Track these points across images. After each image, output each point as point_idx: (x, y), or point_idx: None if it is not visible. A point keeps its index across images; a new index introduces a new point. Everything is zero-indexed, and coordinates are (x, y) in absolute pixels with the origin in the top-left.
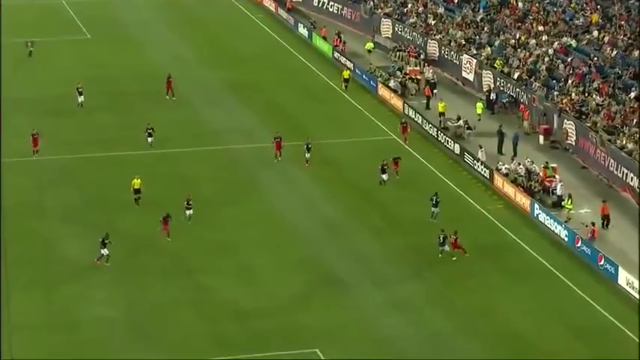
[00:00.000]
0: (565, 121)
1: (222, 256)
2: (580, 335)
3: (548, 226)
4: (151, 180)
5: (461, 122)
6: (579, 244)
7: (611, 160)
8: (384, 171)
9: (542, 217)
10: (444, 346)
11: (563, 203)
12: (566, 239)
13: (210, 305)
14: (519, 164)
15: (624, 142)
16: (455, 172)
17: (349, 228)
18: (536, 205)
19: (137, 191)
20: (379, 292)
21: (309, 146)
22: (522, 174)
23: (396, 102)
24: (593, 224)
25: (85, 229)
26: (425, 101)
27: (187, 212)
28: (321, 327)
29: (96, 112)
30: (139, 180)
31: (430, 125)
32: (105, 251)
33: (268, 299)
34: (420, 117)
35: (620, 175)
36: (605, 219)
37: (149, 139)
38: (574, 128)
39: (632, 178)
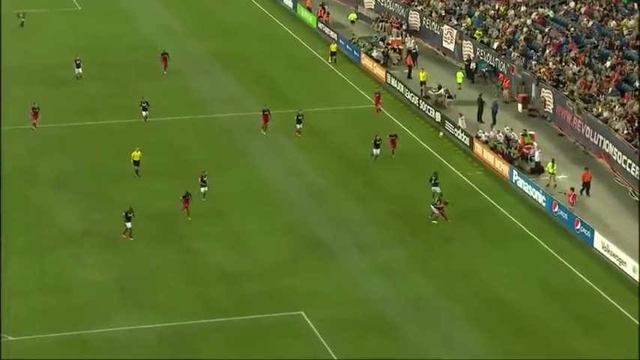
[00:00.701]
0: (543, 89)
1: (210, 222)
2: (557, 297)
3: (527, 191)
4: (140, 147)
5: (442, 91)
6: (556, 209)
7: (588, 128)
8: (377, 146)
9: (521, 182)
10: (425, 308)
11: (546, 168)
12: (543, 204)
13: (199, 269)
14: (498, 132)
15: (600, 109)
16: (436, 139)
17: (334, 194)
18: (515, 172)
19: (137, 163)
20: (363, 257)
21: (300, 117)
22: (501, 141)
23: (379, 71)
24: (572, 190)
25: (77, 196)
26: (407, 71)
27: (202, 189)
28: (307, 290)
29: (87, 82)
30: (138, 152)
31: (412, 94)
32: (129, 224)
33: (255, 263)
34: (402, 86)
35: (595, 142)
36: (586, 186)
37: (144, 113)
38: (551, 97)
39: (607, 145)
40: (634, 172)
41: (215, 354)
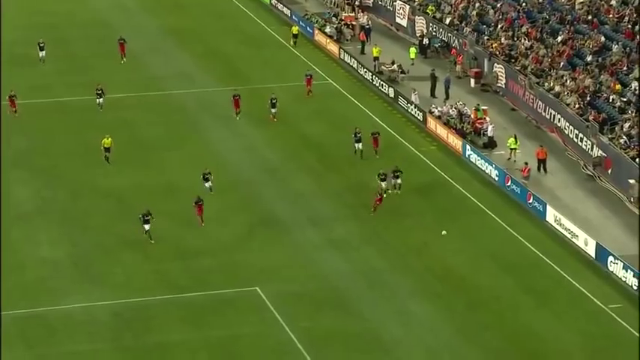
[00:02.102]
0: (495, 64)
1: (164, 199)
2: (509, 270)
3: (480, 166)
4: (94, 125)
5: (395, 66)
6: (509, 184)
7: (540, 102)
8: (358, 140)
9: (474, 157)
10: (379, 282)
11: (507, 143)
12: (496, 179)
13: (154, 246)
14: (451, 107)
15: (552, 84)
16: (389, 115)
17: (288, 170)
18: (468, 146)
19: (107, 150)
20: (317, 232)
21: (274, 101)
22: (454, 116)
23: (332, 47)
24: (526, 164)
25: (31, 173)
26: (360, 46)
27: (206, 184)
28: (261, 266)
29: (35, 56)
30: (109, 139)
31: (365, 70)
32: (147, 227)
33: (210, 239)
34: (355, 62)
35: (547, 117)
36: (542, 163)
37: (98, 100)
38: (504, 71)
39: (559, 119)
40: (585, 146)
41: (171, 330)
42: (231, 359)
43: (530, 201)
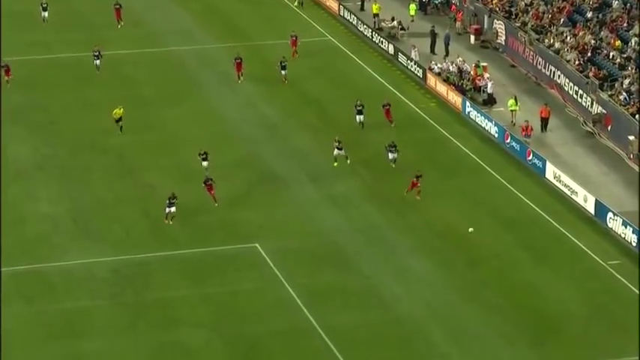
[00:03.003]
0: (495, 21)
1: (164, 155)
2: (509, 227)
3: (479, 122)
4: (93, 82)
5: (394, 23)
6: (509, 140)
7: (539, 59)
8: (359, 112)
9: (474, 114)
10: (377, 238)
11: (508, 105)
12: (496, 136)
13: (153, 202)
14: (451, 63)
15: (552, 41)
16: (389, 71)
17: (287, 127)
18: (468, 103)
19: (118, 120)
20: (316, 189)
21: (284, 63)
22: (454, 73)
23: (332, 4)
24: (527, 122)
25: (29, 130)
26: (359, 3)
27: (204, 163)
28: (261, 222)
29: (38, 16)
30: (121, 109)
31: (365, 26)
32: (172, 209)
33: (209, 196)
34: (355, 18)
35: (547, 73)
36: (544, 122)
37: (96, 62)
38: (504, 28)
39: (559, 75)
40: (585, 102)
41: (171, 286)
42: (231, 315)
43: (530, 158)
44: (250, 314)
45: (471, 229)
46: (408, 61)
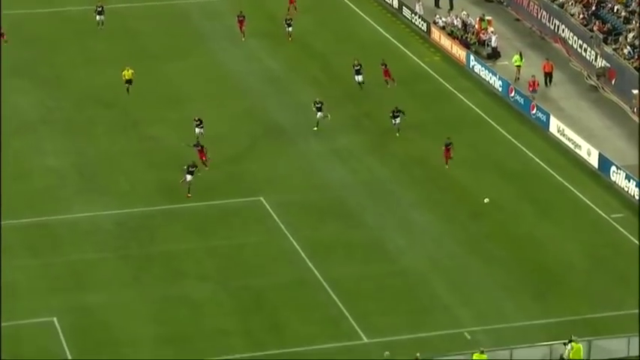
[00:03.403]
0: None
1: (168, 108)
2: (512, 179)
3: (483, 76)
4: (98, 36)
5: None
6: (513, 94)
7: (544, 12)
8: (358, 72)
9: (478, 68)
10: (382, 191)
11: (513, 60)
12: (500, 89)
13: (157, 155)
14: (456, 17)
15: None
16: (393, 25)
17: (291, 80)
18: (472, 57)
19: (129, 82)
20: (320, 142)
21: (289, 21)
22: (458, 27)
23: None
24: (533, 77)
25: (35, 82)
26: None
27: (197, 130)
28: (265, 176)
29: None
30: (130, 71)
31: None
32: (189, 178)
33: (214, 149)
34: None
35: (551, 27)
36: (548, 76)
37: (98, 18)
38: None
39: (563, 29)
40: (589, 56)
41: (176, 239)
42: (236, 267)
43: (534, 111)
44: (255, 267)
45: (486, 200)
46: (413, 15)
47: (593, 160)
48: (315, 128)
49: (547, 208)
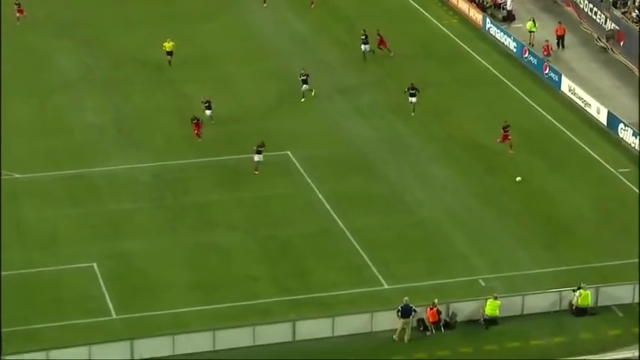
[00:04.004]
0: None
1: (201, 68)
2: (525, 136)
3: (499, 38)
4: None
5: None
6: (527, 55)
7: None
8: (365, 42)
9: (493, 30)
10: (402, 147)
11: (527, 27)
12: (514, 50)
13: (191, 112)
14: None
15: None
16: None
17: (317, 42)
18: (488, 20)
19: (169, 53)
20: (344, 100)
21: None
22: None
23: None
24: (547, 41)
25: (75, 43)
26: None
27: (207, 112)
28: (292, 131)
29: None
30: (170, 43)
31: None
32: (259, 157)
33: (243, 107)
34: None
35: None
36: (560, 39)
37: None
38: None
39: None
40: (599, 19)
41: (207, 190)
42: (264, 218)
43: (546, 72)
44: (282, 217)
45: (518, 178)
46: None
47: (602, 118)
48: (303, 99)
49: (558, 163)
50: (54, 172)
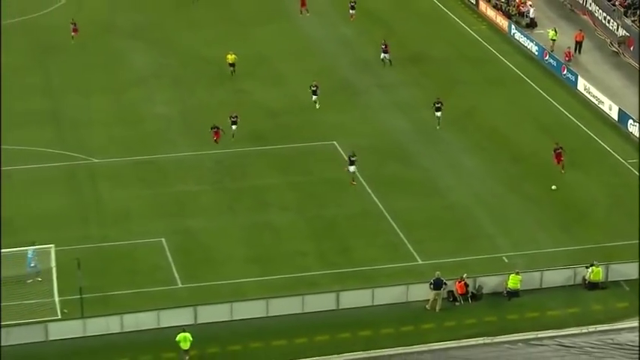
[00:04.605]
0: None
1: (257, 65)
2: (545, 129)
3: (522, 42)
4: (197, 4)
5: None
6: (547, 57)
7: None
8: (384, 51)
9: (518, 35)
10: (436, 139)
11: (549, 35)
12: (536, 53)
13: (248, 105)
14: None
15: None
16: (450, 0)
17: (360, 43)
18: (513, 26)
19: (232, 65)
20: (384, 95)
21: (354, 4)
22: (502, 0)
23: None
24: (569, 48)
25: (148, 43)
26: None
27: (233, 127)
28: (338, 123)
29: None
30: (233, 55)
31: None
32: (354, 168)
33: (294, 100)
34: None
35: (580, 1)
36: (579, 45)
37: None
38: None
39: (590, 3)
40: (612, 27)
41: (262, 175)
42: (312, 200)
43: (565, 72)
44: (328, 199)
45: (554, 187)
46: None
47: (614, 114)
48: (317, 106)
49: (574, 155)
50: (127, 157)
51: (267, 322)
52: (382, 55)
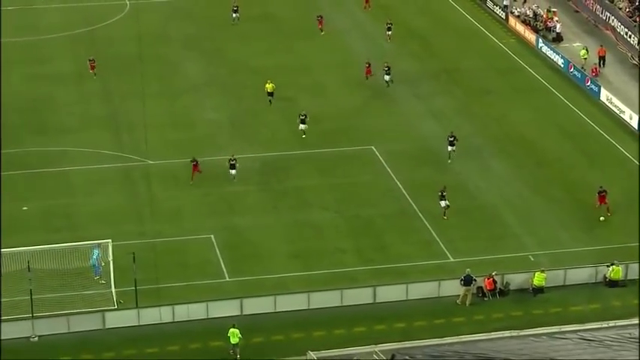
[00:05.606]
0: None
1: (300, 75)
2: (569, 137)
3: (549, 55)
4: (245, 17)
5: None
6: (572, 70)
7: (597, 6)
8: (387, 73)
9: (545, 48)
10: (466, 144)
11: (580, 54)
12: (562, 66)
13: (292, 112)
14: (528, 8)
15: None
16: (478, 13)
17: (397, 55)
18: (540, 40)
19: (270, 94)
20: (419, 104)
21: (389, 25)
22: (530, 16)
23: None
24: (595, 64)
25: (199, 54)
26: None
27: (232, 171)
28: (376, 129)
29: None
30: (271, 84)
31: None
32: (445, 203)
33: (335, 107)
34: None
35: (604, 18)
36: (602, 59)
37: (234, 15)
38: None
39: (612, 19)
40: (633, 41)
41: (305, 177)
42: (351, 199)
43: (588, 84)
44: (366, 200)
45: (602, 218)
46: (494, 5)
47: (634, 123)
48: (304, 136)
49: (596, 160)
50: (180, 159)
51: (309, 314)
52: (385, 76)
